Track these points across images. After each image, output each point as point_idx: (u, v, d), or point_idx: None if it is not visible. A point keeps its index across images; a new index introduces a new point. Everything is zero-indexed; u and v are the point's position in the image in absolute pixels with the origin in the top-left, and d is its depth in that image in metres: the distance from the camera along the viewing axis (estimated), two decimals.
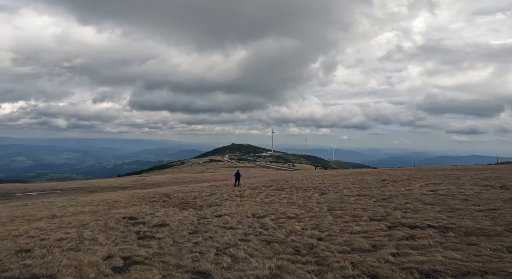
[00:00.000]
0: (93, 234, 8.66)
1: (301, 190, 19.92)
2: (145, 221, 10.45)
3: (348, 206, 11.91)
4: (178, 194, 21.00)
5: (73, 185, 60.51)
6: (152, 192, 24.12)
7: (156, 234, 8.45)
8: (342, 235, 7.52)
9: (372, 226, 8.22)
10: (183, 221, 10.14)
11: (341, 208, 11.63)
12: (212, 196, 18.75)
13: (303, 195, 17.17)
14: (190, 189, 25.37)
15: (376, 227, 8.11)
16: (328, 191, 18.70)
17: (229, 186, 27.73)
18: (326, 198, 15.05)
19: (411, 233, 7.20)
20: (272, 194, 18.42)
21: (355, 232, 7.69)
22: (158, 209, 13.53)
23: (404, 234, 7.21)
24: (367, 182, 23.99)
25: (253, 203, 14.73)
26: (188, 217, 10.90)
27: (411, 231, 7.40)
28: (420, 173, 29.80)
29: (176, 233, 8.56)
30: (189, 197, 19.04)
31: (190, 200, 17.35)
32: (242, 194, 19.37)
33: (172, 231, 8.78)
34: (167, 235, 8.34)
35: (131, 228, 9.38)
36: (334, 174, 37.68)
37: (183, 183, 50.69)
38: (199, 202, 15.89)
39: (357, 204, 12.41)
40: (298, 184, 24.43)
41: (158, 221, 10.33)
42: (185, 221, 10.23)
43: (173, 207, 14.30)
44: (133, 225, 9.92)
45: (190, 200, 17.16)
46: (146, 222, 10.21)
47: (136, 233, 8.76)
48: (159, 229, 9.11)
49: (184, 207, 14.24)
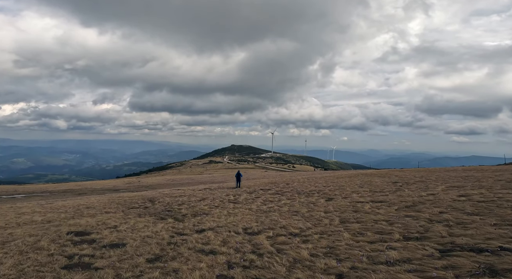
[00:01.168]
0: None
1: (304, 194, 17.39)
2: (97, 238, 7.90)
3: (366, 217, 9.39)
4: (164, 199, 18.48)
5: (65, 187, 58.07)
6: (138, 196, 21.61)
7: (97, 262, 5.86)
8: (375, 268, 4.97)
9: (413, 250, 5.69)
10: (148, 240, 7.58)
11: (358, 220, 9.11)
12: (202, 202, 16.22)
13: (306, 200, 14.64)
14: (180, 193, 22.84)
15: (420, 251, 5.56)
16: (335, 195, 16.17)
17: (224, 188, 25.20)
18: (335, 205, 12.53)
19: (487, 263, 4.65)
20: (270, 199, 15.89)
21: (392, 262, 5.14)
22: (130, 219, 11.01)
23: (473, 264, 4.66)
24: (376, 184, 21.47)
25: (247, 211, 12.21)
26: (159, 233, 8.36)
27: (483, 259, 4.87)
28: (432, 175, 27.22)
29: (129, 260, 5.98)
30: (175, 202, 16.52)
31: (175, 206, 14.82)
32: (237, 199, 16.84)
33: (124, 257, 6.19)
34: (113, 263, 5.75)
35: (66, 250, 6.82)
36: (337, 176, 35.07)
37: (179, 185, 48.21)
38: (184, 210, 13.36)
39: (376, 213, 9.89)
40: (299, 187, 21.91)
41: (114, 238, 7.76)
42: (153, 239, 7.68)
43: (150, 216, 11.78)
44: (75, 244, 7.37)
45: (175, 207, 14.64)
46: (97, 240, 7.67)
47: (68, 258, 6.19)
48: (107, 252, 6.54)
49: (164, 216, 11.71)
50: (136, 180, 73.24)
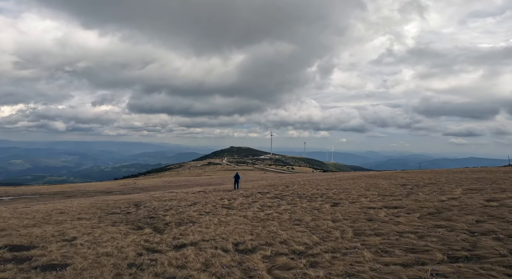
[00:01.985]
0: None
1: (306, 198, 15.63)
2: (36, 255, 6.10)
3: (385, 227, 7.66)
4: (152, 203, 16.71)
5: (58, 189, 56.33)
6: (125, 199, 19.84)
7: None
8: None
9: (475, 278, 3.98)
10: (104, 259, 5.71)
11: (376, 231, 7.38)
12: (192, 207, 14.45)
13: (309, 206, 12.89)
14: (171, 196, 21.08)
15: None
16: (341, 200, 14.42)
17: (219, 191, 23.43)
18: (343, 212, 10.79)
19: None
20: (269, 204, 14.13)
21: None
22: (99, 228, 9.25)
23: None
24: (383, 187, 19.74)
25: (242, 219, 10.46)
26: (124, 249, 6.57)
27: None
28: (440, 176, 25.46)
29: None
30: (163, 207, 14.76)
31: (161, 212, 13.06)
32: (231, 204, 15.07)
33: None
34: None
35: None
36: (339, 177, 33.32)
37: (175, 187, 46.50)
38: (170, 217, 11.60)
39: (397, 223, 8.15)
40: (300, 190, 20.16)
41: (58, 256, 5.93)
42: (111, 258, 5.85)
43: (126, 224, 10.03)
44: None
45: (160, 213, 12.88)
46: (34, 258, 5.87)
47: None
48: (33, 278, 4.77)
49: (143, 224, 9.96)
50: (132, 182, 71.43)
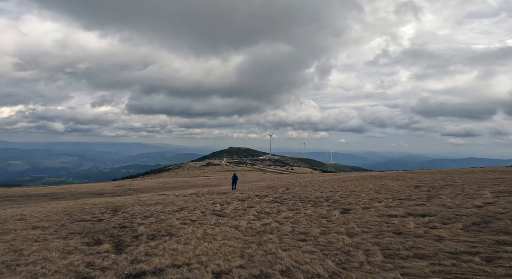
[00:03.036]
0: None
1: (309, 202, 13.56)
2: None
3: (425, 245, 5.62)
4: (133, 208, 14.62)
5: (49, 190, 54.29)
6: (106, 203, 17.74)
7: None
8: None
9: None
10: None
11: (414, 252, 5.33)
12: (178, 213, 12.37)
13: (315, 212, 10.83)
14: (159, 199, 19.01)
15: None
16: (351, 204, 12.35)
17: (214, 194, 21.37)
18: (359, 221, 8.74)
19: None
20: (267, 210, 12.05)
21: None
22: (46, 240, 7.19)
23: None
24: (395, 189, 17.70)
25: (232, 231, 8.41)
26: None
27: None
28: (452, 177, 23.35)
29: None
30: (143, 213, 12.68)
31: (137, 220, 10.99)
32: (224, 209, 12.98)
33: None
34: None
35: None
36: (342, 178, 31.20)
37: (170, 188, 44.60)
38: (145, 227, 9.53)
39: (437, 237, 6.10)
40: (302, 193, 18.10)
41: None
42: None
43: (84, 236, 7.98)
44: None
45: (136, 221, 10.81)
46: None
47: None
48: None
49: (105, 237, 7.91)
50: (127, 183, 69.42)
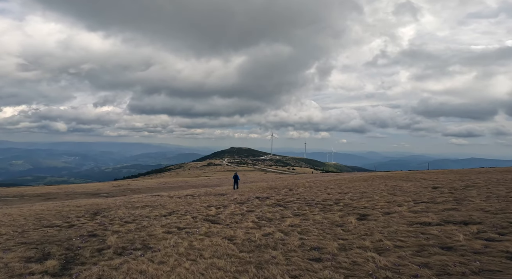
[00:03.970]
0: None
1: (317, 206, 11.84)
2: None
3: (505, 268, 3.93)
4: (116, 212, 12.94)
5: (44, 190, 52.89)
6: (89, 205, 16.10)
7: None
8: None
9: None
10: None
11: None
12: (165, 219, 10.69)
13: (325, 219, 9.12)
14: (150, 201, 17.36)
15: None
16: (366, 208, 10.63)
17: (211, 195, 19.71)
18: (385, 231, 7.03)
19: None
20: (269, 215, 10.34)
21: None
22: None
23: None
24: (410, 190, 15.97)
25: (225, 245, 6.74)
26: None
27: None
28: (470, 177, 21.56)
29: None
30: (124, 218, 11.01)
31: (114, 227, 9.32)
32: (218, 214, 11.27)
33: None
34: None
35: None
36: (348, 179, 29.38)
37: (168, 188, 43.06)
38: (117, 237, 7.87)
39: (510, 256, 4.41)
40: (308, 195, 16.39)
41: None
42: None
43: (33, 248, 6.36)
44: None
45: (110, 228, 9.14)
46: None
47: None
48: None
49: (57, 250, 6.31)
50: (126, 183, 67.99)
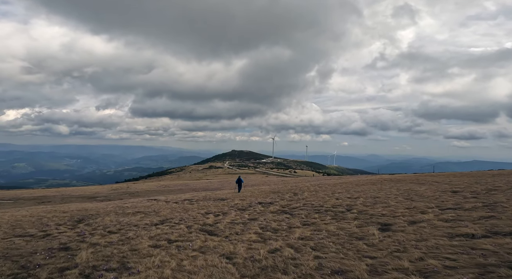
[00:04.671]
0: None
1: (328, 213, 10.49)
2: None
3: None
4: (103, 219, 11.64)
5: (41, 193, 51.78)
6: (76, 211, 14.81)
7: None
8: None
9: None
10: None
11: None
12: (155, 228, 9.37)
13: (341, 229, 7.77)
14: (144, 206, 16.06)
15: None
16: (384, 216, 9.29)
17: (210, 200, 18.40)
18: (422, 246, 5.69)
19: None
20: (274, 225, 8.99)
21: None
22: None
23: None
24: (427, 195, 14.60)
25: (224, 265, 5.42)
26: None
27: None
28: (486, 180, 20.10)
29: None
30: (111, 226, 9.72)
31: (93, 238, 8.02)
32: (217, 223, 9.93)
33: None
34: None
35: None
36: (354, 182, 27.81)
37: (167, 192, 41.84)
38: (92, 252, 6.59)
39: None
40: (315, 200, 15.02)
41: None
42: None
43: None
44: None
45: (89, 240, 7.85)
46: None
47: None
48: None
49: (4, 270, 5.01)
50: (125, 186, 66.83)
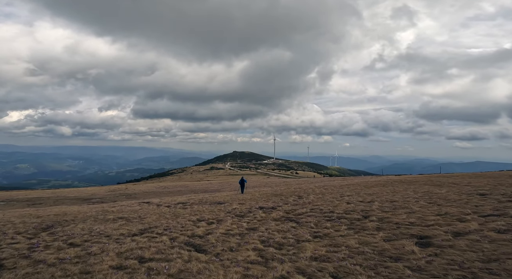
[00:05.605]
0: None
1: (342, 221, 8.70)
2: None
3: None
4: (77, 226, 9.93)
5: (36, 194, 50.32)
6: (52, 216, 13.13)
7: None
8: None
9: None
10: None
11: None
12: (131, 240, 7.64)
13: (365, 245, 5.99)
14: (129, 211, 14.34)
15: None
16: (414, 225, 7.54)
17: (206, 204, 16.67)
18: (501, 270, 3.97)
19: None
20: (278, 238, 7.21)
21: None
22: None
23: None
24: (451, 198, 12.91)
25: None
26: None
27: None
28: (507, 181, 18.21)
29: None
30: (79, 236, 8.02)
31: (41, 255, 6.32)
32: (208, 234, 8.17)
33: None
34: None
35: None
36: (363, 184, 25.74)
37: (165, 193, 40.19)
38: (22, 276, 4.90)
39: None
40: (323, 204, 13.21)
41: None
42: None
43: None
44: None
45: (36, 256, 6.16)
46: None
47: None
48: None
49: None
50: (124, 187, 65.23)
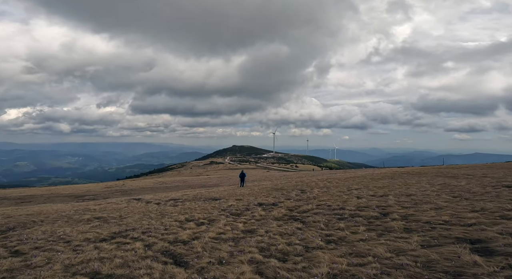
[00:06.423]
0: None
1: (356, 220, 7.09)
2: None
3: None
4: (37, 230, 8.32)
5: (30, 192, 48.95)
6: (24, 216, 11.58)
7: None
8: None
9: None
10: None
11: None
12: (94, 248, 6.01)
13: (404, 256, 4.39)
14: (110, 210, 12.74)
15: None
16: (448, 224, 5.95)
17: (200, 200, 15.09)
18: None
19: None
20: (281, 244, 5.59)
21: None
22: None
23: None
24: (478, 191, 11.30)
25: None
26: None
27: None
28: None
29: None
30: (31, 241, 6.42)
31: None
32: (194, 240, 6.53)
33: None
34: None
35: None
36: (369, 176, 23.86)
37: (161, 189, 38.78)
38: None
39: None
40: (330, 199, 11.59)
41: None
42: None
43: None
44: None
45: None
46: None
47: None
48: None
49: None
50: (121, 183, 63.76)
